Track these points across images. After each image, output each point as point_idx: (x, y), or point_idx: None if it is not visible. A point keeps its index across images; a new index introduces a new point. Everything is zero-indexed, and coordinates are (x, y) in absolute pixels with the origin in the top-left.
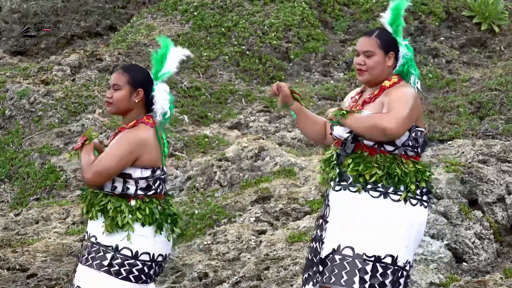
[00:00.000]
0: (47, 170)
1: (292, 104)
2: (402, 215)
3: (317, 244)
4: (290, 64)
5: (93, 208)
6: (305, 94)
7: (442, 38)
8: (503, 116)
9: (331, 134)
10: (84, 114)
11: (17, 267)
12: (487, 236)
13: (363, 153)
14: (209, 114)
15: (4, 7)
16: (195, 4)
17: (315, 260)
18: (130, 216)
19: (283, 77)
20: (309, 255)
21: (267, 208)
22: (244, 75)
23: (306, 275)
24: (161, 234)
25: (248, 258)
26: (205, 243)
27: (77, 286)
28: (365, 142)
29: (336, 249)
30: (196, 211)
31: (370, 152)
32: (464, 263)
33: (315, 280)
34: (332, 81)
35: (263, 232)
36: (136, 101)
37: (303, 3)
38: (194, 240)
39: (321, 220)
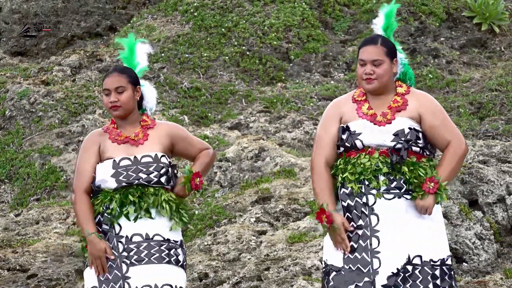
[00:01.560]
0: (48, 170)
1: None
2: (439, 214)
3: (367, 254)
4: (291, 64)
5: (165, 206)
6: (305, 95)
7: (442, 39)
8: (503, 117)
9: (351, 145)
10: (85, 115)
11: (18, 268)
12: (488, 237)
13: (411, 159)
14: (209, 114)
15: (4, 7)
16: (195, 4)
17: (365, 271)
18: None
19: (283, 77)
20: (347, 266)
21: (267, 209)
22: (244, 76)
23: (353, 286)
24: None
25: (249, 259)
26: (205, 243)
27: (174, 285)
28: (413, 148)
29: (407, 259)
30: (197, 212)
31: (417, 158)
32: (464, 263)
33: None
34: (332, 82)
35: (263, 232)
36: (138, 99)
37: (304, 3)
38: (194, 240)
39: (360, 231)
